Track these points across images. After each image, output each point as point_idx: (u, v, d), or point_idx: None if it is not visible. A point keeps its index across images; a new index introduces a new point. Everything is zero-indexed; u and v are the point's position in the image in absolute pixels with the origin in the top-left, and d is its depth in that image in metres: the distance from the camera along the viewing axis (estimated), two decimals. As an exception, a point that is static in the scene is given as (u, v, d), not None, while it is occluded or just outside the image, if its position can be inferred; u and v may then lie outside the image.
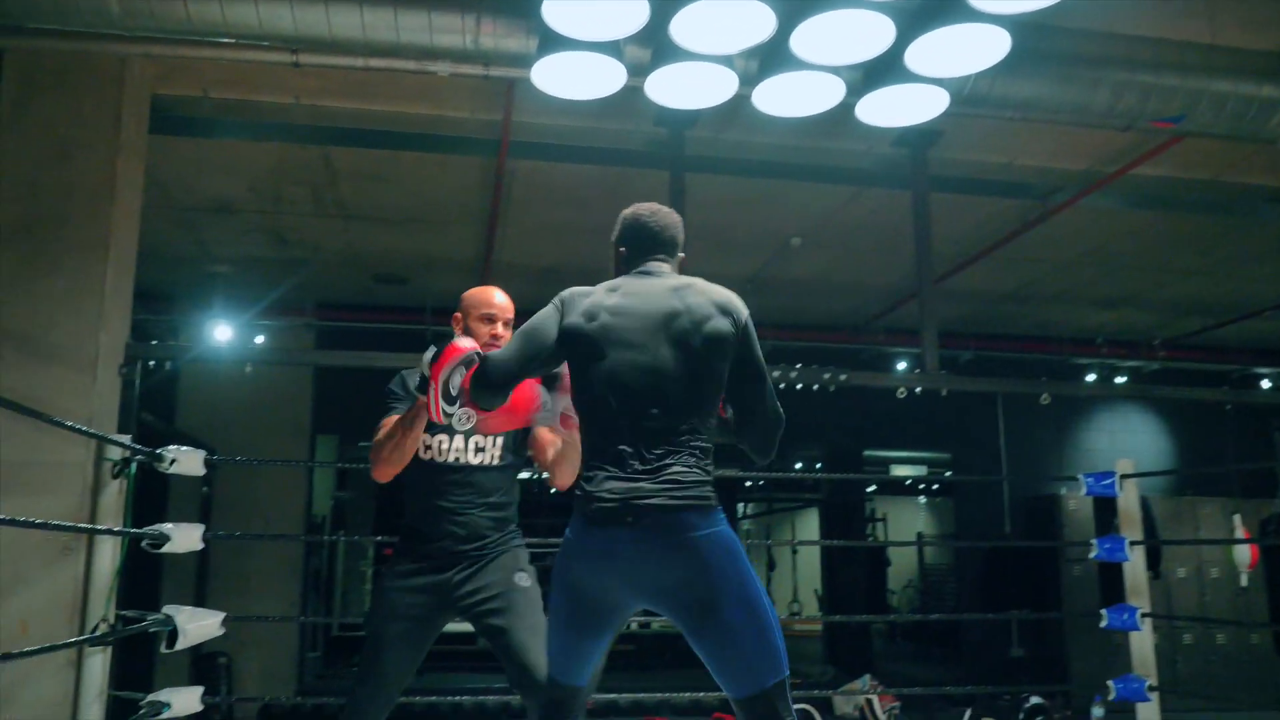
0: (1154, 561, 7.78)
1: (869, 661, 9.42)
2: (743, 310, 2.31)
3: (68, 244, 4.49)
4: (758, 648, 2.04)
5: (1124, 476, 5.19)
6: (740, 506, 16.13)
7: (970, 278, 7.58)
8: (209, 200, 6.35)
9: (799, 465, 12.92)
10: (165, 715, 4.16)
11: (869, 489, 14.25)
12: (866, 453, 10.33)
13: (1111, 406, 9.98)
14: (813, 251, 7.25)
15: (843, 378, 5.40)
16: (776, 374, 5.25)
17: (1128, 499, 5.23)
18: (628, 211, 2.49)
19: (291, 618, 7.78)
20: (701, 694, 5.26)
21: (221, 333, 7.02)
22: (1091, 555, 5.19)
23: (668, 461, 2.14)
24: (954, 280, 7.56)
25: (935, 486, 15.05)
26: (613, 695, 5.68)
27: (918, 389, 5.52)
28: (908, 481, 14.47)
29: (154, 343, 4.98)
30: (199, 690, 4.34)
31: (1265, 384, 9.61)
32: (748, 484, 15.33)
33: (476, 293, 2.92)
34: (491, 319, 2.84)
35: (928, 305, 5.63)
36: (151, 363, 4.82)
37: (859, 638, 9.86)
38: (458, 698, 6.13)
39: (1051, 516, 8.61)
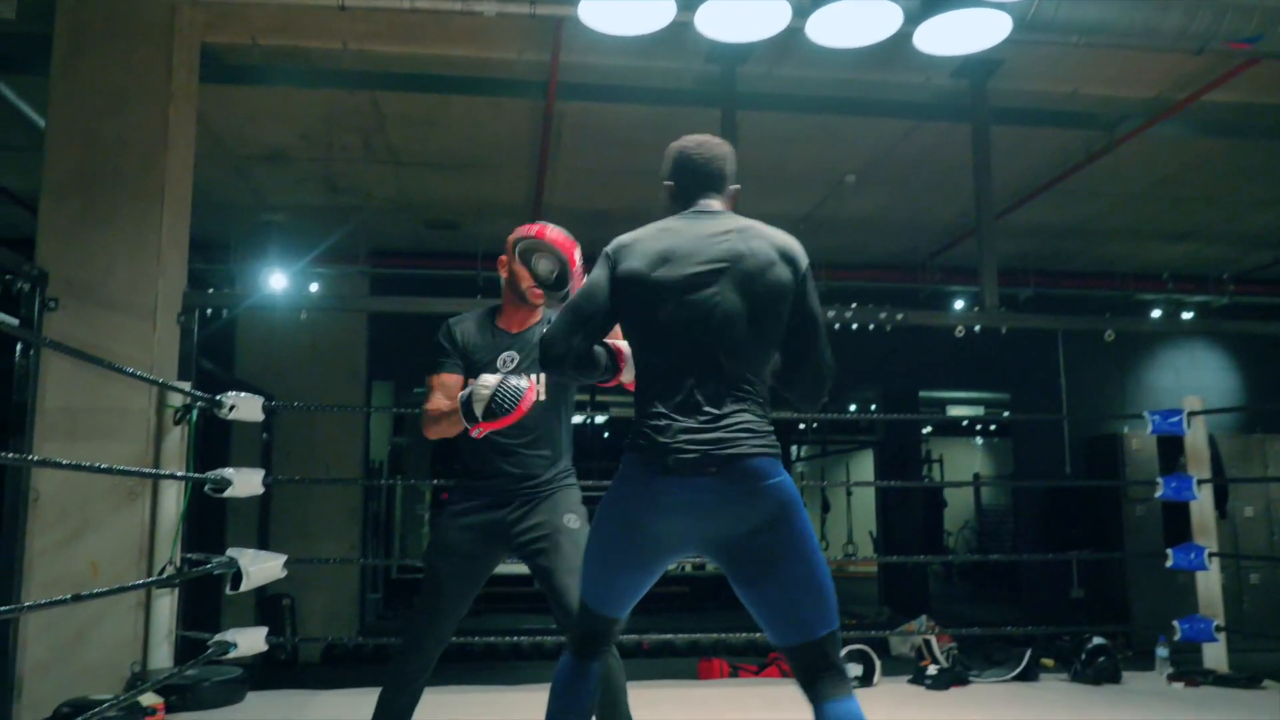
0: (1221, 500, 7.61)
1: (925, 602, 9.39)
2: (804, 257, 2.21)
3: (123, 194, 4.54)
4: (813, 600, 2.03)
5: (1192, 414, 5.06)
6: (794, 449, 16.08)
7: (1031, 213, 7.38)
8: (261, 149, 6.38)
9: (853, 407, 12.83)
10: (232, 654, 4.28)
11: (925, 430, 14.10)
12: (922, 393, 10.21)
13: (1177, 343, 9.71)
14: (868, 189, 7.09)
15: (900, 317, 5.31)
16: (832, 314, 5.17)
17: (1195, 437, 5.10)
18: (675, 145, 2.39)
19: (352, 560, 7.93)
20: (758, 635, 5.29)
21: (277, 281, 7.09)
22: (1157, 494, 5.09)
23: (739, 409, 2.09)
24: (1014, 216, 7.36)
25: (992, 427, 14.83)
26: (669, 635, 5.74)
27: (977, 327, 5.41)
28: (964, 422, 14.28)
29: (210, 291, 5.02)
30: (263, 630, 4.45)
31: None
32: (801, 426, 15.27)
33: (525, 231, 2.88)
34: None
35: (987, 242, 5.49)
36: (209, 311, 4.86)
37: (915, 579, 9.83)
38: (515, 638, 6.23)
39: (1113, 456, 8.45)
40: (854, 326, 5.36)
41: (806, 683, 2.04)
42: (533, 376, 2.67)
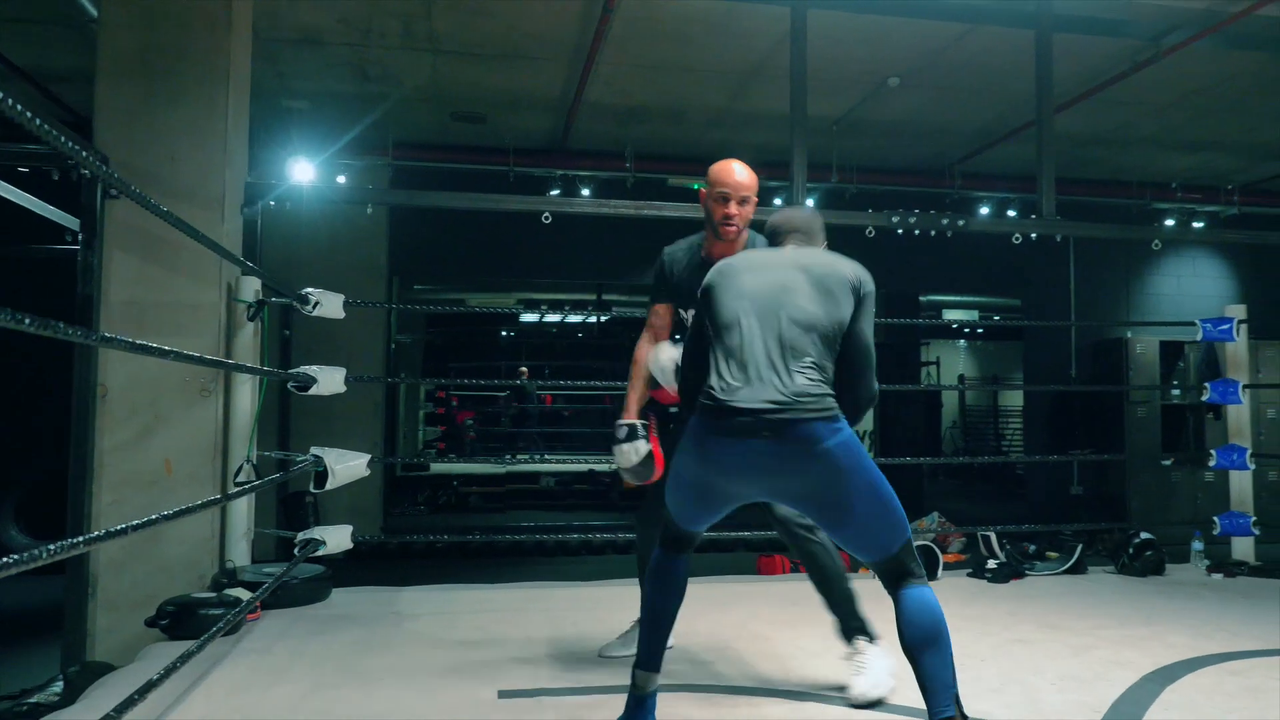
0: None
1: (922, 500, 9.68)
2: (867, 281, 2.38)
3: (188, 75, 4.33)
4: (883, 525, 2.21)
5: (1240, 322, 5.23)
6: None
7: (1061, 121, 7.42)
8: (295, 31, 6.09)
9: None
10: (321, 552, 4.28)
11: (924, 332, 14.24)
12: (922, 298, 10.35)
13: (1180, 251, 9.96)
14: (908, 93, 7.06)
15: (961, 224, 5.35)
16: (895, 219, 5.22)
17: (1239, 345, 5.29)
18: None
19: (374, 458, 7.85)
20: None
21: (302, 171, 6.83)
22: (1204, 398, 5.28)
23: (797, 374, 2.23)
24: (1043, 123, 7.40)
25: (979, 330, 15.04)
26: (734, 533, 5.82)
27: (1034, 235, 5.48)
28: (954, 325, 14.46)
29: (274, 182, 4.84)
30: (348, 529, 4.46)
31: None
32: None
33: (717, 168, 2.90)
34: (726, 199, 2.85)
35: (1047, 151, 5.50)
36: (272, 202, 4.68)
37: (914, 477, 10.13)
38: (519, 536, 6.30)
39: (1119, 360, 8.74)
40: (870, 231, 5.38)
41: (889, 585, 2.26)
42: None
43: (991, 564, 4.91)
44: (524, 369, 12.37)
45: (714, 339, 2.38)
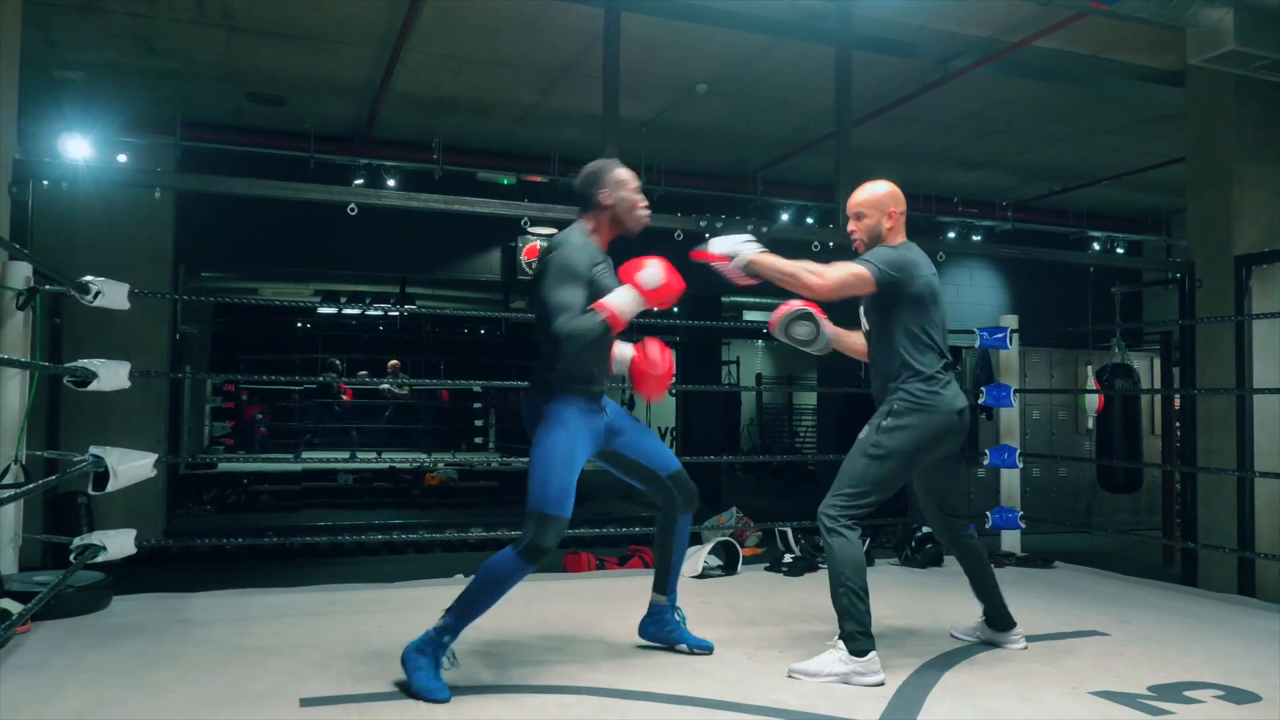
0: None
1: (721, 495, 9.93)
2: (551, 249, 2.86)
3: (-57, 39, 3.90)
4: (531, 488, 2.80)
5: (1013, 331, 5.64)
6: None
7: (856, 134, 7.79)
8: (73, -4, 5.60)
9: (655, 309, 13.14)
10: (102, 558, 3.97)
11: (725, 333, 14.64)
12: (724, 299, 10.64)
13: (960, 262, 10.69)
14: (716, 100, 7.24)
15: (765, 230, 5.53)
16: (703, 224, 5.33)
17: (1012, 352, 5.71)
18: None
19: (160, 457, 7.36)
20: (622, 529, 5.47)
21: (76, 147, 6.28)
22: (981, 400, 5.66)
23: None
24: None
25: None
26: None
27: (831, 244, 5.72)
28: (753, 326, 14.95)
29: (48, 160, 4.43)
30: (131, 533, 4.13)
31: (1095, 246, 10.56)
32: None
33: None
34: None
35: (845, 160, 5.77)
36: (45, 182, 4.29)
37: (713, 474, 10.38)
38: (316, 538, 6.10)
39: (902, 363, 9.24)
40: (679, 234, 5.50)
41: None
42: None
43: (788, 558, 5.10)
44: (394, 361, 12.02)
45: None
